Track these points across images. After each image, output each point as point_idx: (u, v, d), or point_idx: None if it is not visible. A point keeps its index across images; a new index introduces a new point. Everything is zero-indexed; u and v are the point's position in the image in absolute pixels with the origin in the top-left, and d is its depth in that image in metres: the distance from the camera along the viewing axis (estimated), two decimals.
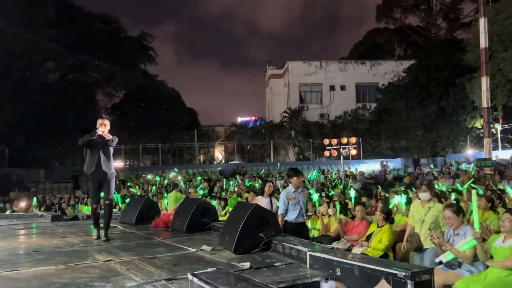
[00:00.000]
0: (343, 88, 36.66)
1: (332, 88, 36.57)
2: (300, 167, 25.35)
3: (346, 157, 19.95)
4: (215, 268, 2.93)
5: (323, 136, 27.86)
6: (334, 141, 18.55)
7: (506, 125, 23.91)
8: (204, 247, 4.75)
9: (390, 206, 7.13)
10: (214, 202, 10.62)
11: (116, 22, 31.36)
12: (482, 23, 14.70)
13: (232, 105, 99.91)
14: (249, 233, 4.46)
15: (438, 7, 36.72)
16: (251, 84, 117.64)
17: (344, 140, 18.50)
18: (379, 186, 15.17)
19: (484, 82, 14.76)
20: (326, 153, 19.02)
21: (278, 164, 25.14)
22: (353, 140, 18.77)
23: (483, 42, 14.74)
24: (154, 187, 17.66)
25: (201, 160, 33.67)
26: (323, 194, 11.21)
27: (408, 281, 2.74)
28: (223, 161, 33.33)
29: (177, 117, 33.48)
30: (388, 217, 5.46)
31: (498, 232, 4.71)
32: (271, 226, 4.58)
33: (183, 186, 16.76)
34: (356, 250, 5.02)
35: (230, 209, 8.71)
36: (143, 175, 23.20)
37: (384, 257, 5.06)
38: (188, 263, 4.00)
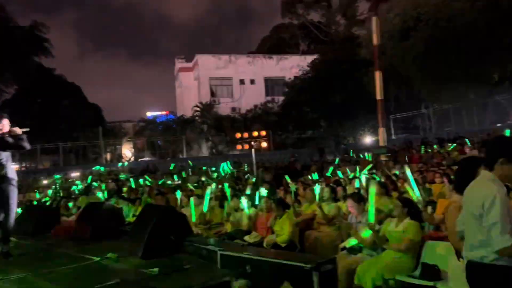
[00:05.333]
0: (252, 82, 37.33)
1: (242, 82, 37.04)
2: (214, 161, 25.36)
3: (258, 150, 20.39)
4: (118, 280, 2.76)
5: (235, 129, 28.10)
6: (246, 134, 18.79)
7: (397, 115, 26.45)
8: (109, 254, 4.47)
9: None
10: (123, 204, 10.11)
11: (2, 10, 28.06)
12: (374, 21, 15.92)
13: (141, 99, 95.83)
14: (159, 237, 4.30)
15: (337, 5, 39.00)
16: (161, 77, 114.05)
17: (255, 133, 18.85)
18: (288, 176, 15.77)
19: (378, 76, 16.04)
20: (238, 146, 19.22)
21: (189, 161, 24.80)
22: (264, 132, 19.19)
23: (375, 39, 16.00)
24: (50, 191, 16.25)
25: (108, 158, 31.86)
26: (237, 188, 11.32)
27: (313, 273, 2.87)
28: (132, 159, 31.94)
29: (79, 113, 31.22)
30: (283, 205, 5.65)
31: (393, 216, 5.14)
32: (181, 228, 4.47)
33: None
34: (266, 244, 5.12)
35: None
36: (41, 178, 21.27)
37: (291, 247, 5.24)
38: (90, 275, 3.73)
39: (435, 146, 18.04)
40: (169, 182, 16.81)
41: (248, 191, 8.51)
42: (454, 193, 3.41)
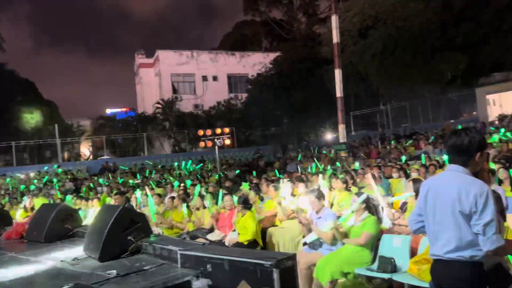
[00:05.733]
0: (215, 78, 37.08)
1: (204, 78, 36.70)
2: (177, 158, 25.04)
3: (221, 147, 20.33)
4: (74, 284, 2.65)
5: (198, 126, 27.84)
6: (209, 131, 18.71)
7: (357, 112, 27.14)
8: (64, 257, 4.30)
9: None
10: (81, 204, 9.78)
11: None
12: (334, 20, 16.23)
13: (100, 96, 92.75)
14: (117, 238, 4.17)
15: (298, 2, 39.39)
16: (121, 73, 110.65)
17: (218, 130, 18.80)
18: (254, 173, 15.87)
19: (337, 74, 16.41)
20: (201, 143, 19.10)
21: (146, 160, 24.34)
22: (227, 130, 19.17)
23: (335, 38, 16.32)
24: (2, 192, 15.47)
25: (65, 157, 30.67)
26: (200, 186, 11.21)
27: (274, 270, 2.88)
28: (90, 158, 30.93)
29: (33, 110, 29.84)
30: (246, 205, 5.66)
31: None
32: (141, 228, 4.36)
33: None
34: (228, 242, 5.11)
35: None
36: None
37: (254, 245, 5.27)
38: (44, 280, 3.57)
39: (392, 142, 18.65)
40: (130, 181, 16.43)
41: (211, 189, 8.45)
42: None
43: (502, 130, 14.59)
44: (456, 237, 2.31)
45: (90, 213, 9.18)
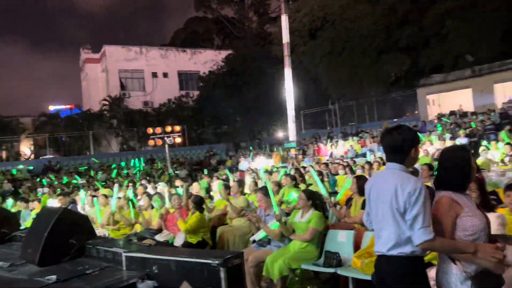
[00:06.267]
0: (165, 75, 36.36)
1: (154, 75, 35.87)
2: (125, 157, 24.29)
3: (172, 145, 20.00)
4: None
5: (148, 124, 27.15)
6: (158, 129, 18.35)
7: (307, 110, 27.75)
8: (0, 263, 4.04)
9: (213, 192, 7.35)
10: (21, 206, 9.24)
11: None
12: (284, 19, 16.47)
13: (43, 92, 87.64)
14: (57, 241, 3.97)
15: (249, 1, 39.53)
16: (66, 68, 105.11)
17: (168, 128, 18.49)
18: (205, 171, 15.75)
19: (288, 73, 16.69)
20: (151, 142, 18.69)
21: (93, 158, 23.44)
22: (177, 128, 18.92)
23: (285, 37, 16.58)
24: None
25: (4, 157, 28.79)
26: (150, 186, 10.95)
27: (221, 269, 2.88)
28: (32, 157, 29.23)
29: None
30: (199, 205, 5.60)
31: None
32: (83, 230, 4.19)
33: None
34: (178, 239, 5.04)
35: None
36: None
37: (203, 245, 5.23)
38: None
39: (340, 140, 19.24)
40: (74, 181, 15.73)
41: (159, 188, 8.29)
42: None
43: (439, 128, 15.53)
44: (395, 233, 2.36)
45: (30, 215, 8.70)
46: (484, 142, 11.78)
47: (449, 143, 12.31)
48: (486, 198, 3.61)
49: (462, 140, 13.06)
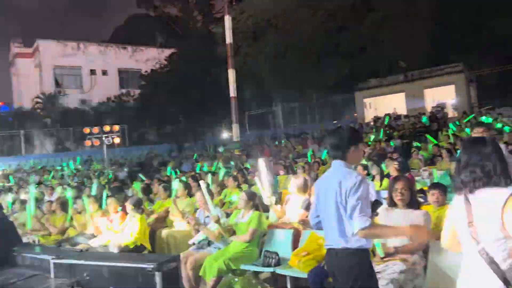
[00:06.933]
0: (105, 73, 34.96)
1: (92, 72, 34.35)
2: (60, 159, 22.98)
3: (111, 146, 19.23)
4: None
5: (85, 124, 25.89)
6: (96, 129, 17.54)
7: (252, 112, 27.97)
8: None
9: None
10: None
11: None
12: (227, 20, 16.48)
13: None
14: None
15: (194, 0, 39.07)
16: None
17: (107, 128, 17.75)
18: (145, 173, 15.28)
19: (231, 74, 16.71)
20: (87, 142, 17.85)
21: (31, 160, 21.99)
22: (117, 127, 18.21)
23: (228, 38, 16.59)
24: None
25: None
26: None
27: (156, 273, 2.81)
28: None
29: None
30: (138, 208, 5.43)
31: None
32: (7, 237, 3.90)
33: None
34: (113, 247, 4.83)
35: None
36: None
37: (140, 249, 5.07)
38: None
39: (283, 141, 19.58)
40: (0, 183, 14.63)
41: (94, 191, 7.92)
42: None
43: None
44: (341, 227, 2.50)
45: None
46: (415, 143, 12.53)
47: (383, 144, 12.99)
48: (414, 196, 3.86)
49: (395, 142, 13.80)
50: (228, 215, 5.24)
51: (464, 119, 15.05)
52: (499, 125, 12.45)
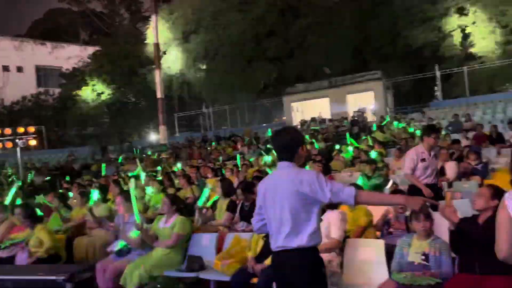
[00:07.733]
0: (20, 69, 32.29)
1: (6, 68, 31.54)
2: None
3: (26, 148, 17.80)
4: None
5: None
6: (8, 130, 16.10)
7: (181, 113, 27.52)
8: None
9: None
10: None
11: None
12: (154, 19, 16.10)
13: None
14: None
15: None
16: None
17: (21, 129, 16.39)
18: (68, 177, 14.39)
19: (158, 74, 16.32)
20: None
21: None
22: (32, 129, 16.89)
23: (155, 38, 16.21)
24: None
25: None
26: None
27: (67, 284, 2.65)
28: None
29: None
30: (33, 219, 5.04)
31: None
32: None
33: None
34: (23, 254, 4.45)
35: None
36: None
37: (55, 259, 4.71)
38: None
39: (213, 143, 19.50)
40: None
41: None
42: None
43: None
44: (294, 227, 2.47)
45: None
46: (337, 146, 13.17)
47: (309, 146, 13.48)
48: None
49: (320, 144, 14.38)
50: (151, 221, 5.09)
51: (381, 123, 16.12)
52: (411, 129, 13.51)
